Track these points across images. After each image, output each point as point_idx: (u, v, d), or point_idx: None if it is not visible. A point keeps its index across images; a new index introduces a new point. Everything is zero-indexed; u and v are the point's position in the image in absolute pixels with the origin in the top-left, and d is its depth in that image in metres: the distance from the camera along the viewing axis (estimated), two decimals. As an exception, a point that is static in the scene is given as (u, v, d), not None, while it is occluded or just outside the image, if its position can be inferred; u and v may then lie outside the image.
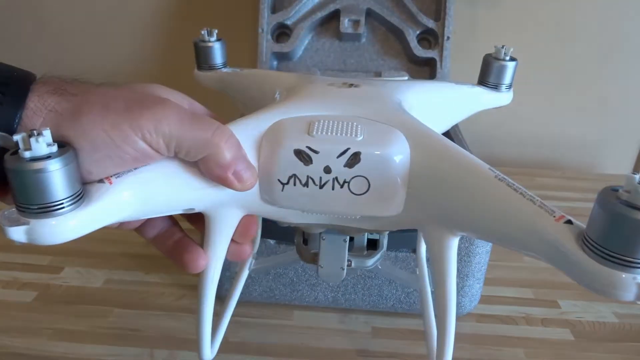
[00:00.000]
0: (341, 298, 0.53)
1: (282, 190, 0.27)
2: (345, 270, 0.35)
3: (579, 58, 0.93)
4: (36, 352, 0.48)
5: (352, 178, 0.26)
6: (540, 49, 0.92)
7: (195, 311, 0.54)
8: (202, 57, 0.43)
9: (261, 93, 0.37)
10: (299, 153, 0.26)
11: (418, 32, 0.80)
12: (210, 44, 0.42)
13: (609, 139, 1.00)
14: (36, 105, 0.23)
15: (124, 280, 0.58)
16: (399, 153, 0.26)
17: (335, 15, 0.77)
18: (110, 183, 0.24)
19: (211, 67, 0.43)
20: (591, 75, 0.94)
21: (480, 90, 0.40)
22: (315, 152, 0.26)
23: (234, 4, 0.89)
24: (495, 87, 0.40)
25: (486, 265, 0.51)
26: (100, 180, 0.24)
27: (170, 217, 0.31)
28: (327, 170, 0.26)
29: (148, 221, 0.30)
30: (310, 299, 0.53)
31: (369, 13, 0.77)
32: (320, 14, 0.76)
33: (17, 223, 0.21)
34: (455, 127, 0.68)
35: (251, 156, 0.27)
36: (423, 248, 0.42)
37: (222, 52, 0.43)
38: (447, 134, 0.66)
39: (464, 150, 0.27)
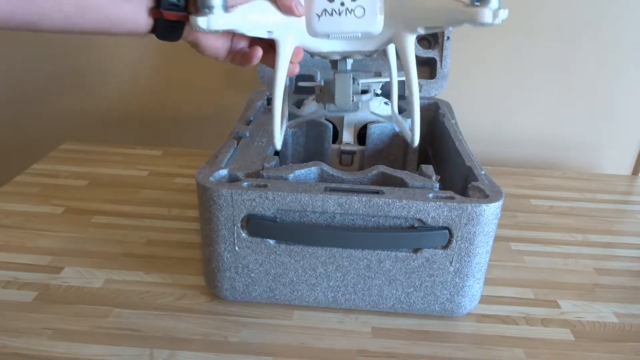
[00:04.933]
0: (341, 298, 0.53)
1: (319, 20, 0.47)
2: (351, 99, 0.57)
3: (579, 58, 0.93)
4: (36, 352, 0.48)
5: (355, 7, 0.47)
6: (541, 49, 0.92)
7: (195, 311, 0.54)
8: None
9: None
10: None
11: (418, 32, 0.80)
12: None
13: (608, 139, 1.00)
14: None
15: (124, 280, 0.58)
16: None
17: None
18: (236, 7, 0.44)
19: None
20: (591, 75, 0.94)
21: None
22: None
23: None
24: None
25: (486, 265, 0.51)
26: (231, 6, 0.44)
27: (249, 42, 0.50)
28: (342, 4, 0.47)
29: (239, 41, 0.49)
30: (310, 299, 0.53)
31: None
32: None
33: (202, 15, 0.41)
34: (455, 127, 0.68)
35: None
36: (391, 51, 0.58)
37: None
38: (447, 134, 0.67)
39: None
